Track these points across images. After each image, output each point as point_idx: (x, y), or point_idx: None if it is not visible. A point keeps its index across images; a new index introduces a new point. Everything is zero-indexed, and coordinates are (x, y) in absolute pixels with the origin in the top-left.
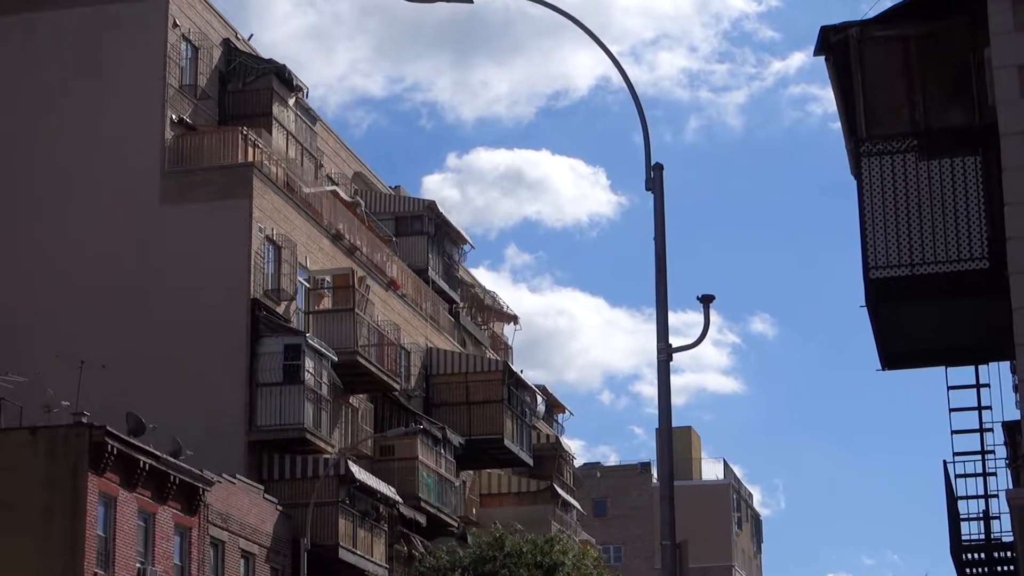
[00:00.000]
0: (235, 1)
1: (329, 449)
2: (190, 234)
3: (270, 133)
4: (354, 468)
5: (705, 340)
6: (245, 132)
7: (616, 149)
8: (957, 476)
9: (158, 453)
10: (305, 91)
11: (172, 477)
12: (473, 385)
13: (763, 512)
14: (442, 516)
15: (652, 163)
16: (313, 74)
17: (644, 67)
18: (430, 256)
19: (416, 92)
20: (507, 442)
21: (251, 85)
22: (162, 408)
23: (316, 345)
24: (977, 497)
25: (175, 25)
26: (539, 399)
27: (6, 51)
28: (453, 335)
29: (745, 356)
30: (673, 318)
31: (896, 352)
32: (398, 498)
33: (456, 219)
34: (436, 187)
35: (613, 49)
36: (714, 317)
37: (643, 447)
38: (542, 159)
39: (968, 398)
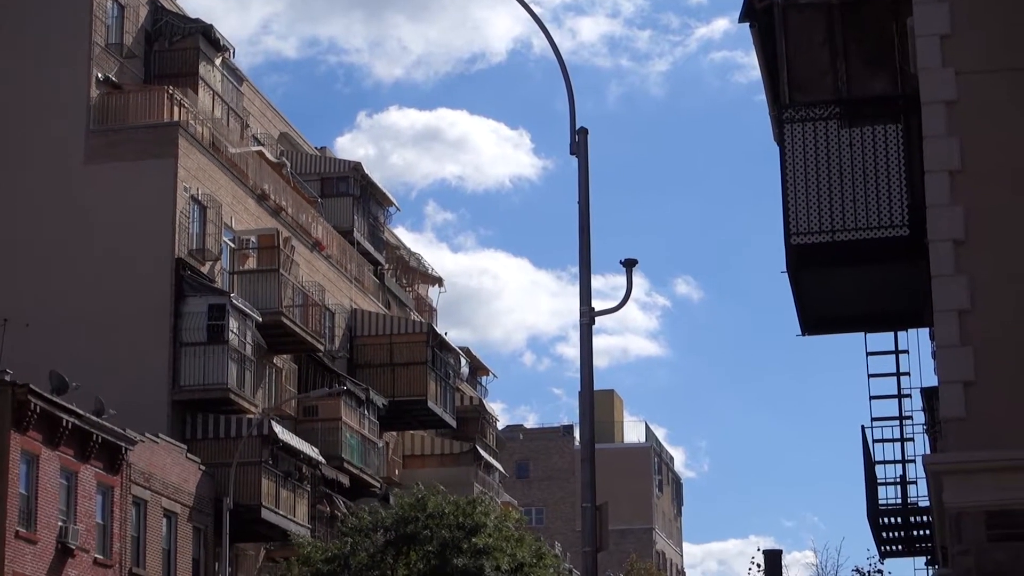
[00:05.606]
0: None
1: (252, 409)
2: (115, 193)
3: (196, 93)
4: (277, 428)
5: (631, 303)
6: (171, 91)
7: (538, 113)
8: (875, 441)
9: (81, 412)
10: (232, 51)
11: (95, 436)
12: (397, 347)
13: (688, 474)
14: (365, 477)
15: (577, 127)
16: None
17: (565, 33)
18: (355, 217)
19: (331, 54)
20: (431, 404)
21: (177, 44)
22: (85, 367)
23: (240, 305)
24: (895, 462)
25: None
26: (463, 361)
27: None
28: (378, 297)
29: (670, 320)
30: (599, 281)
31: (816, 317)
32: (321, 459)
33: (378, 178)
34: (351, 147)
35: (535, 10)
36: (640, 281)
37: (564, 408)
38: (460, 119)
39: (887, 364)
